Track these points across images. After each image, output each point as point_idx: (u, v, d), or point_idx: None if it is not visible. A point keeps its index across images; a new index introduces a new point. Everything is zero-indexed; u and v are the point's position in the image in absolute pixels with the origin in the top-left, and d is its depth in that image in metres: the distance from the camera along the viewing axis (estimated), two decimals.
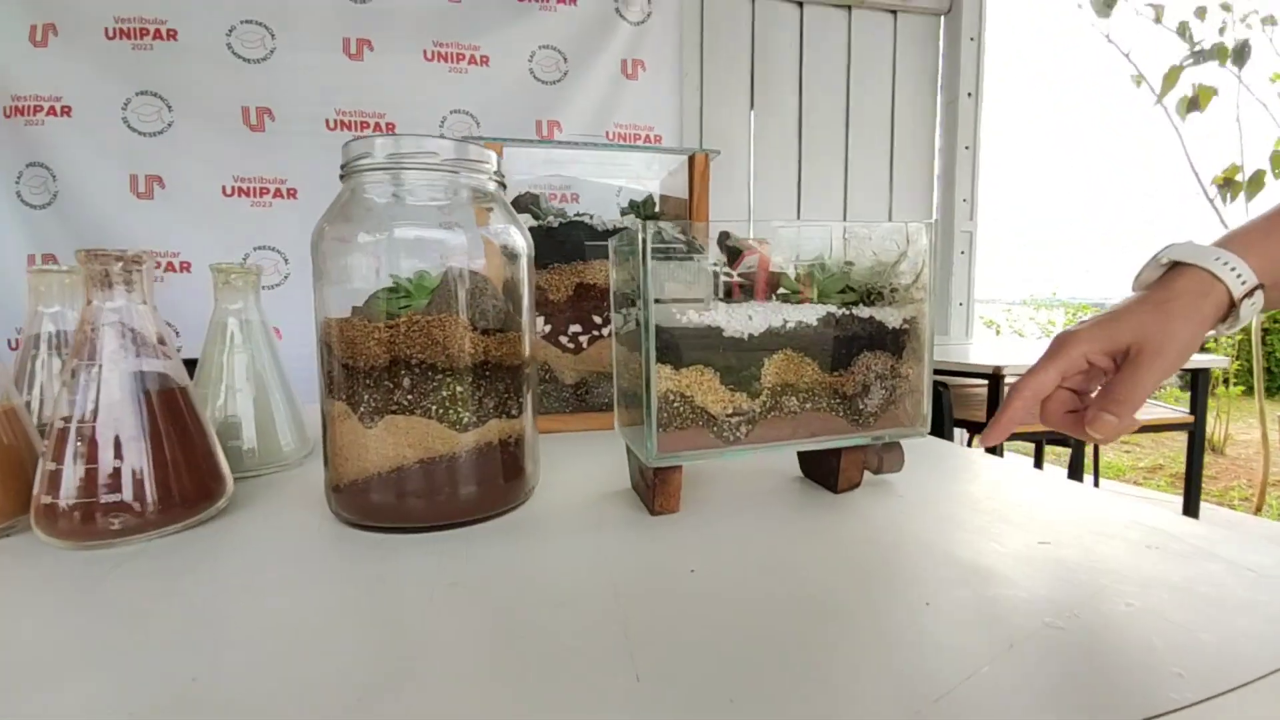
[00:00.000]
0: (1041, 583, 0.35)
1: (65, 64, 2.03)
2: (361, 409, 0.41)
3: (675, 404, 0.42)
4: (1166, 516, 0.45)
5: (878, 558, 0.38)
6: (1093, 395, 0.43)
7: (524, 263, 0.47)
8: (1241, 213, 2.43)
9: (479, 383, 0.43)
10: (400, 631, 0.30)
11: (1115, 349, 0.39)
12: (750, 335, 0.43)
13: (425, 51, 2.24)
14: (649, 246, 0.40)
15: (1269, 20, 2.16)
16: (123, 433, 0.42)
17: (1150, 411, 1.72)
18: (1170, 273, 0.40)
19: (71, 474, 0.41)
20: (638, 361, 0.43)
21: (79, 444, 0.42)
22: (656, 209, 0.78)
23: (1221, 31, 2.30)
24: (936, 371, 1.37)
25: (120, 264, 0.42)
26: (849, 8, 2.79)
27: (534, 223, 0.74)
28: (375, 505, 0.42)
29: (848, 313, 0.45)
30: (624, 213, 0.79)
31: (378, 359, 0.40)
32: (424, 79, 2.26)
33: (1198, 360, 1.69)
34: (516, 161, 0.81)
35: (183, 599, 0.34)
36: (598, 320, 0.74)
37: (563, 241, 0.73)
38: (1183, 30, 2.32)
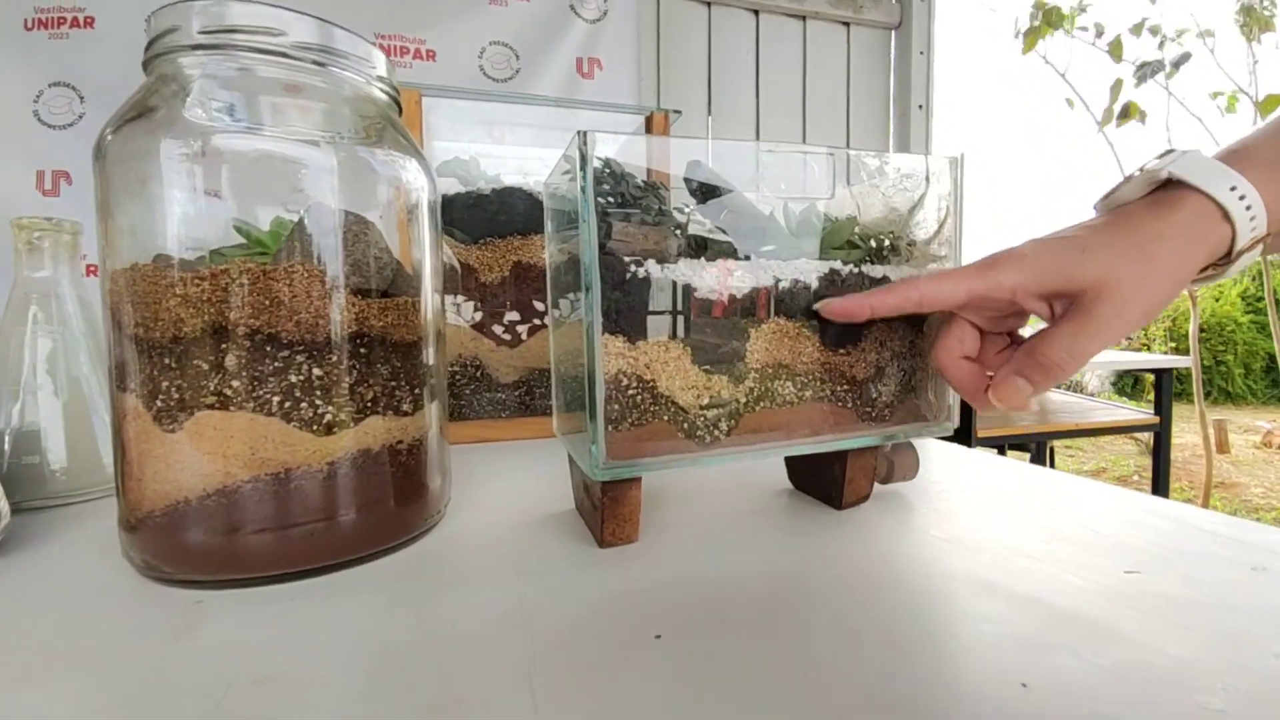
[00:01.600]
0: (1159, 634, 0.24)
1: None
2: (159, 403, 0.27)
3: (631, 391, 0.30)
4: (1242, 525, 0.36)
5: (924, 606, 0.27)
6: (1001, 346, 0.32)
7: (425, 206, 0.34)
8: None
9: (353, 364, 0.30)
10: None
11: (1063, 290, 0.28)
12: (731, 298, 0.32)
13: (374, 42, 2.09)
14: (590, 161, 0.28)
15: (1207, 33, 2.23)
16: None
17: (1111, 414, 1.71)
18: (1162, 194, 0.28)
19: None
20: (579, 338, 0.31)
21: None
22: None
23: (1161, 46, 2.37)
24: None
25: None
26: (803, 18, 2.78)
27: (461, 189, 0.62)
28: (187, 546, 0.28)
29: (856, 271, 0.34)
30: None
31: (184, 326, 0.27)
32: None
33: (1162, 361, 1.68)
34: (439, 129, 0.68)
35: None
36: (540, 306, 0.62)
37: (496, 212, 0.61)
38: (1116, 50, 2.37)
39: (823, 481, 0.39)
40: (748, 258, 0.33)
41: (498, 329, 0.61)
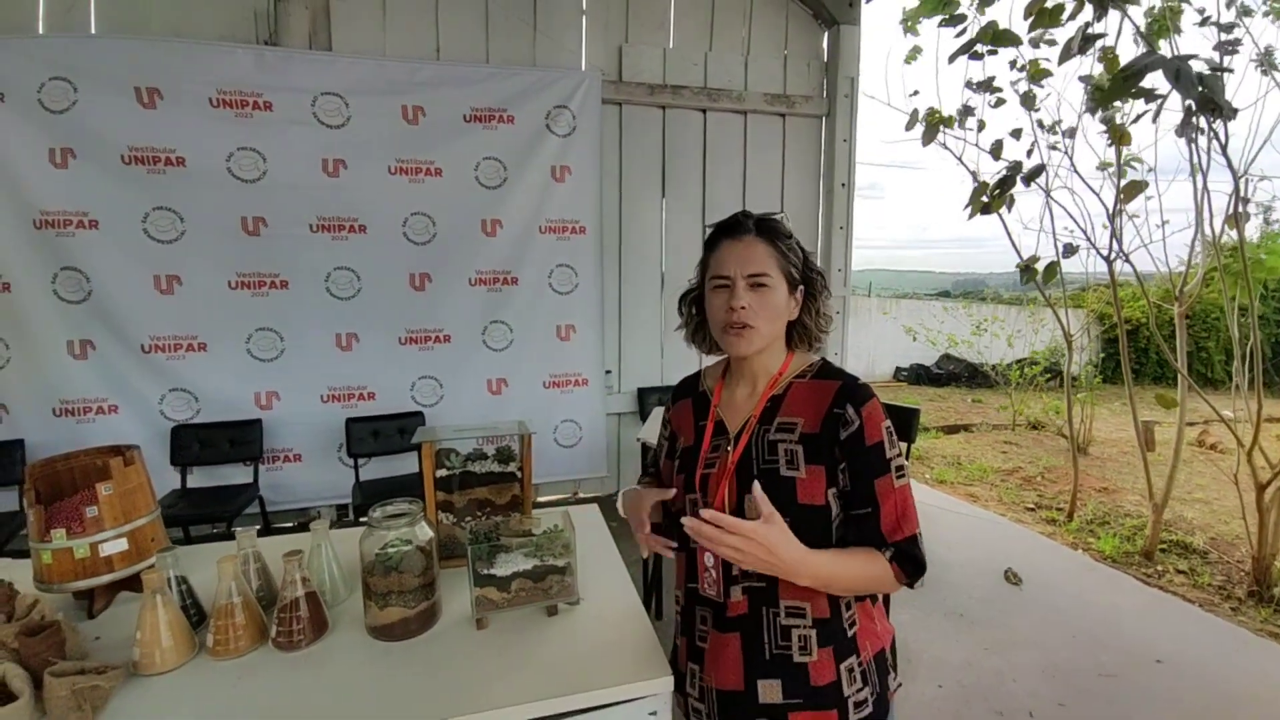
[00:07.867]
0: None
1: (86, 184, 2.38)
2: None
3: None
4: None
5: None
6: None
7: None
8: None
9: None
10: None
11: None
12: None
13: (390, 166, 2.79)
14: None
15: (1069, 132, 2.75)
16: None
17: None
18: None
19: None
20: None
21: None
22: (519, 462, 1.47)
23: (1029, 154, 2.93)
24: None
25: None
26: (745, 113, 3.38)
27: (447, 472, 1.44)
28: None
29: None
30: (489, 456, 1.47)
31: None
32: (389, 189, 2.82)
33: None
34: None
35: None
36: (480, 515, 1.45)
37: (464, 478, 1.44)
38: (996, 150, 2.93)
39: None
40: None
41: (463, 524, 1.46)
